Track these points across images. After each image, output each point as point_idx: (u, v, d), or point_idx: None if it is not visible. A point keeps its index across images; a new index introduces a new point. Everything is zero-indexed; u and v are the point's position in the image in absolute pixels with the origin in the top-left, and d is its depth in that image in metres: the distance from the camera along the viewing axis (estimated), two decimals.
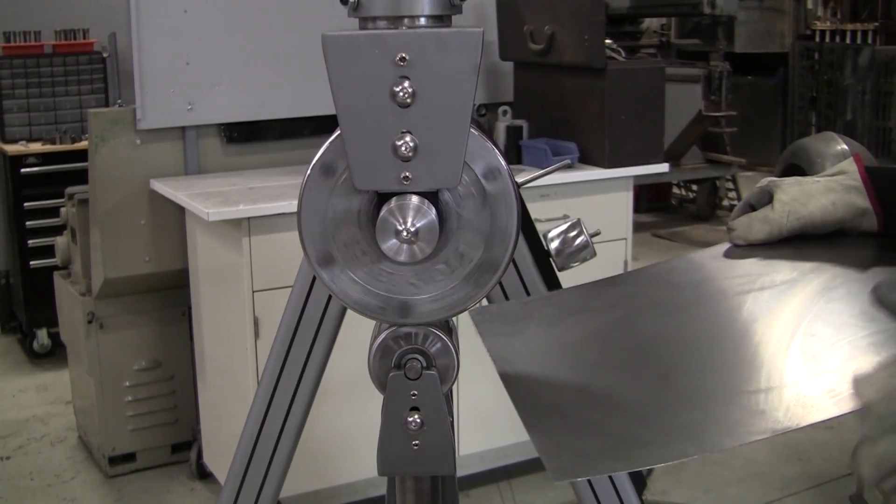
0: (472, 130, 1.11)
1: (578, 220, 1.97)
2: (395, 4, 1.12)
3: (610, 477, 2.04)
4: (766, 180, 1.46)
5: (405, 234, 1.07)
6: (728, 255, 1.44)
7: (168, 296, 4.24)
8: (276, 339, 1.89)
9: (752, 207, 1.46)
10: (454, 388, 3.97)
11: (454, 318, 1.25)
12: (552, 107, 4.19)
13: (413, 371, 1.17)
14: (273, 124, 4.17)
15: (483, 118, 4.37)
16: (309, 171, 1.14)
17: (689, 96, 7.25)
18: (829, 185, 1.43)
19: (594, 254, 2.02)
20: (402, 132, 1.08)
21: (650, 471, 4.15)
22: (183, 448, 4.38)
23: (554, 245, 1.98)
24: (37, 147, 5.45)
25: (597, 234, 1.99)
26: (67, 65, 5.61)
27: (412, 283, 1.14)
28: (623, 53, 4.43)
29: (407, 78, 1.07)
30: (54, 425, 4.86)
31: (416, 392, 1.18)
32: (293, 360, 1.92)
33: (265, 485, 1.98)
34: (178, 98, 3.96)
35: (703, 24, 8.26)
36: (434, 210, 1.09)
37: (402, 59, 1.07)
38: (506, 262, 1.14)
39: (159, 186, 3.92)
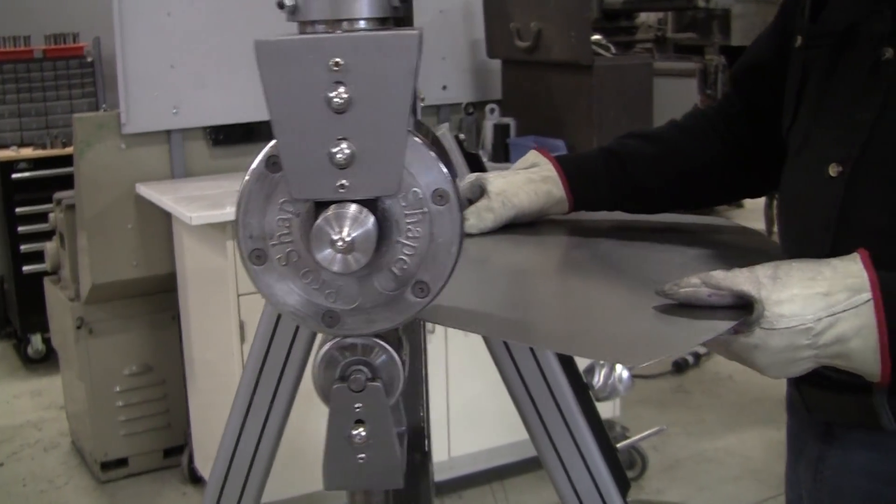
0: (419, 143, 1.08)
1: None
2: (332, 8, 1.09)
3: (592, 478, 2.01)
4: (473, 175, 1.64)
5: (340, 243, 1.04)
6: (466, 243, 1.60)
7: (157, 300, 4.22)
8: (252, 348, 1.88)
9: (469, 201, 1.62)
10: (446, 388, 3.95)
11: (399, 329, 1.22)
12: (540, 104, 4.16)
13: (357, 383, 1.14)
14: (259, 126, 4.13)
15: (471, 116, 4.35)
16: (244, 188, 1.12)
17: (685, 90, 7.20)
18: (530, 177, 1.62)
19: (632, 386, 2.11)
20: (339, 139, 1.05)
21: (643, 470, 4.12)
22: (175, 452, 4.36)
23: (594, 380, 2.03)
24: (28, 152, 5.44)
25: (633, 367, 2.04)
26: (58, 69, 5.60)
27: (350, 293, 1.11)
28: (613, 49, 4.40)
29: (342, 83, 1.04)
30: (48, 431, 4.85)
31: (360, 405, 1.15)
32: (270, 367, 1.90)
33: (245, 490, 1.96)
34: (163, 101, 3.94)
35: (700, 18, 8.21)
36: (372, 219, 1.06)
37: (336, 63, 1.04)
38: (447, 275, 1.11)
39: (145, 190, 3.90)
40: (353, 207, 1.06)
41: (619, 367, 2.32)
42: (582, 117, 3.94)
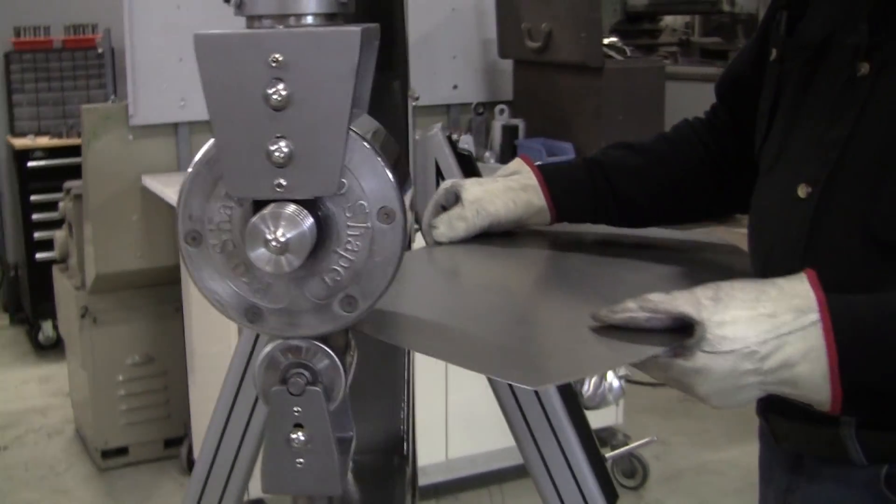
0: (366, 146, 1.06)
1: None
2: (276, 2, 1.07)
3: (579, 487, 1.99)
4: (448, 182, 1.59)
5: (274, 243, 1.02)
6: (436, 251, 1.56)
7: (161, 291, 4.22)
8: (239, 343, 1.87)
9: (443, 208, 1.57)
10: (444, 390, 3.91)
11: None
12: (549, 106, 4.13)
13: (296, 387, 1.12)
14: None
15: (480, 117, 4.32)
16: (191, 169, 1.10)
17: (708, 95, 7.14)
18: (508, 185, 1.57)
19: (623, 394, 2.07)
20: (277, 137, 1.03)
21: (644, 479, 4.08)
22: (175, 443, 4.37)
23: (584, 389, 2.01)
24: (43, 141, 5.48)
25: (625, 376, 2.00)
26: (76, 59, 5.64)
27: (278, 293, 1.09)
28: (629, 52, 4.36)
29: (281, 80, 1.02)
30: (53, 417, 4.87)
31: (299, 409, 1.12)
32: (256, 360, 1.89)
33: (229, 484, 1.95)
34: (170, 94, 3.95)
35: (726, 23, 8.15)
36: (310, 221, 1.04)
37: (275, 60, 1.02)
38: (378, 294, 1.08)
39: (151, 182, 3.90)
40: (292, 208, 1.04)
41: (609, 375, 2.27)
42: (591, 120, 3.91)
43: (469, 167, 2.49)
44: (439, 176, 2.48)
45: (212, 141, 1.09)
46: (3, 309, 6.21)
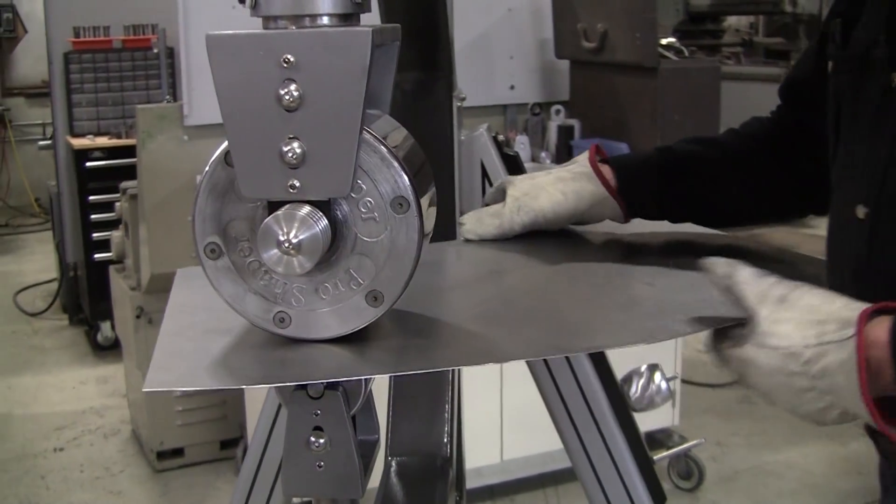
0: (380, 146, 1.04)
1: (657, 365, 1.96)
2: (290, 3, 1.06)
3: (627, 490, 1.97)
4: (501, 179, 1.50)
5: (286, 245, 1.01)
6: (462, 249, 1.48)
7: None
8: None
9: (487, 206, 1.50)
10: (500, 391, 3.89)
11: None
12: (605, 106, 4.10)
13: (315, 389, 1.11)
14: None
15: (537, 117, 4.29)
16: (203, 179, 1.10)
17: (768, 95, 7.05)
18: (560, 176, 1.47)
19: (671, 396, 2.05)
20: (290, 138, 1.02)
21: (700, 481, 4.03)
22: (231, 444, 4.38)
23: (632, 391, 1.99)
24: (102, 141, 5.51)
25: (674, 378, 1.97)
26: (135, 59, 5.66)
27: (303, 295, 1.08)
28: (686, 52, 4.31)
29: (293, 80, 1.01)
30: (110, 418, 4.89)
31: (318, 411, 1.11)
32: None
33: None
34: None
35: (788, 23, 8.04)
36: (324, 223, 1.03)
37: (287, 60, 1.01)
38: (402, 285, 1.07)
39: None
40: (306, 209, 1.03)
41: (657, 377, 2.22)
42: (646, 120, 3.87)
43: (515, 168, 2.47)
44: (485, 177, 2.45)
45: (219, 150, 1.08)
46: (63, 309, 6.26)
